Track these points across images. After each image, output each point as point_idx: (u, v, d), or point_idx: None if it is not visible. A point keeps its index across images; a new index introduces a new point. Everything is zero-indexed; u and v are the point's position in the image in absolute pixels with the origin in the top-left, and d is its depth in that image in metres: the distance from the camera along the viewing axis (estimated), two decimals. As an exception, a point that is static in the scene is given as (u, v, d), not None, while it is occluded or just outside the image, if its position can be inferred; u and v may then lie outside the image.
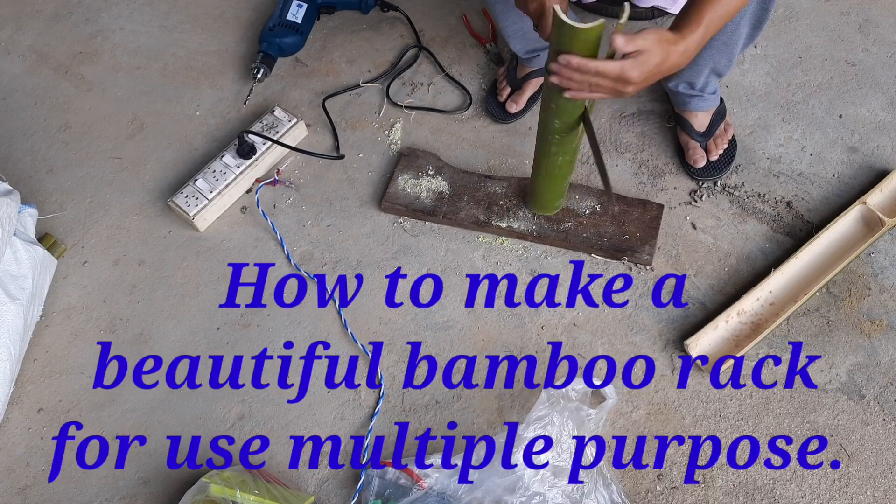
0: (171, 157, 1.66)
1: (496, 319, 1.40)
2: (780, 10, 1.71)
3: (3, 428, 1.37)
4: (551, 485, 1.14)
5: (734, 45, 1.30)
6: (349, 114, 1.68)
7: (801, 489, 1.20)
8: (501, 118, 1.61)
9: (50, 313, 1.48)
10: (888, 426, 1.24)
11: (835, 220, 1.38)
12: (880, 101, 1.57)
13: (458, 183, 1.53)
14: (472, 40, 1.76)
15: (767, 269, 1.38)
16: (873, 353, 1.30)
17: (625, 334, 1.36)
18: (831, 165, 1.50)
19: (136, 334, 1.44)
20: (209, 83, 1.77)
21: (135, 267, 1.52)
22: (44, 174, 1.66)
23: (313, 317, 1.43)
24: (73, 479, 1.31)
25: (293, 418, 1.33)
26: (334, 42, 1.80)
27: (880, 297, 1.35)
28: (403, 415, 1.32)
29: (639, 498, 1.22)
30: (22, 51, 1.88)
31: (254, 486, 1.17)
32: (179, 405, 1.36)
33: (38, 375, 1.41)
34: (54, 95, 1.79)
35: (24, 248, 1.40)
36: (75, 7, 1.95)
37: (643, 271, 1.42)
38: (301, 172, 1.61)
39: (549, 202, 1.42)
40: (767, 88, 1.61)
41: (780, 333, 1.33)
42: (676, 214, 1.47)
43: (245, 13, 1.88)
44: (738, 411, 1.27)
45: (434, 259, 1.47)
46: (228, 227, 1.55)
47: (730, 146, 1.51)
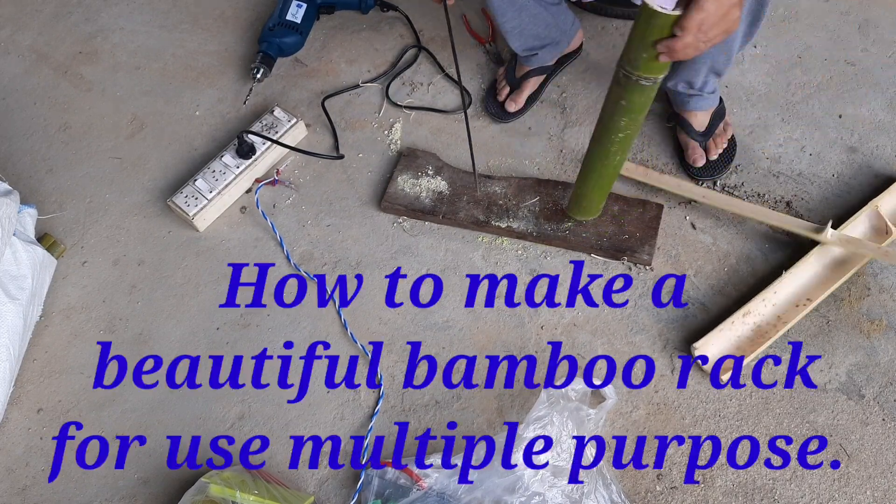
0: (170, 157, 1.66)
1: (496, 319, 1.40)
2: (780, 10, 1.71)
3: (3, 428, 1.37)
4: (551, 485, 1.14)
5: (732, 42, 1.30)
6: (349, 114, 1.68)
7: (801, 489, 1.20)
8: (501, 117, 1.61)
9: (50, 313, 1.48)
10: (888, 426, 1.24)
11: (845, 223, 1.37)
12: (880, 101, 1.57)
13: (458, 183, 1.53)
14: (472, 40, 1.76)
15: (767, 268, 1.38)
16: (873, 353, 1.30)
17: (625, 334, 1.36)
18: (831, 165, 1.50)
19: (136, 334, 1.45)
20: (209, 83, 1.77)
21: (134, 267, 1.52)
22: (44, 174, 1.66)
23: (313, 317, 1.43)
24: (73, 479, 1.32)
25: (293, 418, 1.33)
26: (334, 42, 1.80)
27: (880, 297, 1.35)
28: (403, 415, 1.32)
29: (639, 498, 1.22)
30: (22, 51, 1.88)
31: (254, 486, 1.17)
32: (179, 405, 1.36)
33: (37, 375, 1.42)
34: (54, 95, 1.79)
35: (23, 248, 1.40)
36: (75, 7, 1.95)
37: (643, 271, 1.42)
38: (301, 172, 1.61)
39: (597, 205, 1.41)
40: (767, 88, 1.61)
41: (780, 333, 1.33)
42: (676, 214, 1.47)
43: (245, 13, 1.88)
44: (737, 411, 1.27)
45: (434, 259, 1.47)
46: (228, 227, 1.55)
47: (729, 146, 1.51)
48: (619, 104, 1.11)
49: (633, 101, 1.10)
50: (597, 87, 1.64)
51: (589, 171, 1.30)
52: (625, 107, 1.11)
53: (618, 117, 1.13)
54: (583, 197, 1.38)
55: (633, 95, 1.08)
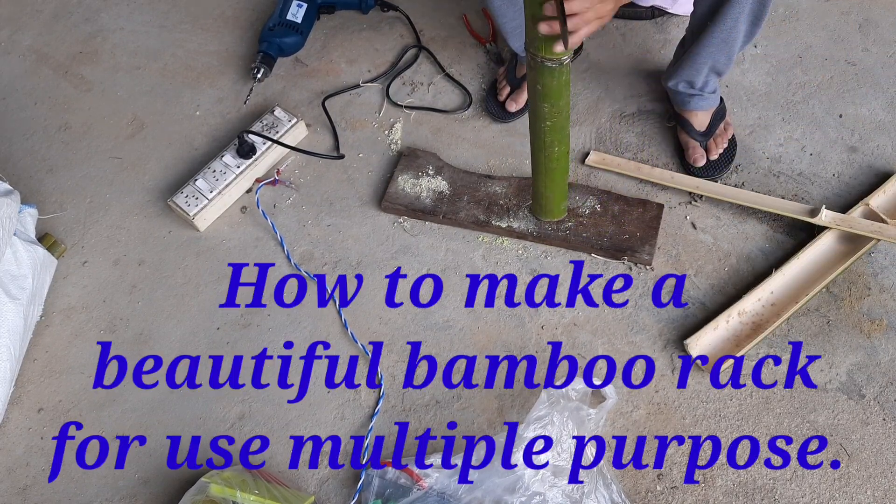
0: (171, 157, 1.66)
1: (496, 319, 1.40)
2: (780, 9, 1.71)
3: (3, 428, 1.37)
4: (551, 485, 1.14)
5: (733, 43, 1.30)
6: (349, 114, 1.68)
7: (801, 489, 1.20)
8: (501, 117, 1.61)
9: (50, 313, 1.48)
10: (888, 426, 1.24)
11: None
12: (880, 100, 1.57)
13: (458, 183, 1.53)
14: (472, 40, 1.76)
15: (767, 268, 1.38)
16: (873, 353, 1.30)
17: (625, 334, 1.36)
18: (831, 165, 1.50)
19: (136, 334, 1.45)
20: (209, 83, 1.77)
21: (135, 267, 1.52)
22: (44, 174, 1.67)
23: (313, 317, 1.43)
24: (73, 479, 1.32)
25: (293, 418, 1.33)
26: (334, 42, 1.80)
27: (880, 296, 1.35)
28: (403, 415, 1.32)
29: (639, 498, 1.22)
30: (22, 51, 1.88)
31: (254, 486, 1.17)
32: (179, 405, 1.36)
33: (38, 375, 1.42)
34: (54, 95, 1.79)
35: (24, 248, 1.40)
36: (75, 7, 1.95)
37: (643, 271, 1.42)
38: (301, 172, 1.61)
39: (556, 204, 1.41)
40: (767, 88, 1.61)
41: (780, 333, 1.33)
42: (676, 214, 1.47)
43: (245, 13, 1.88)
44: (738, 411, 1.27)
45: (434, 259, 1.47)
46: (228, 227, 1.55)
47: (730, 146, 1.51)
48: (536, 89, 1.13)
49: (546, 86, 1.11)
50: (597, 87, 1.64)
51: (535, 166, 1.32)
52: (541, 91, 1.12)
53: (539, 103, 1.15)
54: (539, 195, 1.39)
55: (544, 79, 1.09)
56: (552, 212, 1.43)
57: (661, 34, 1.70)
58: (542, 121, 1.18)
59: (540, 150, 1.26)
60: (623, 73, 1.66)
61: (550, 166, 1.29)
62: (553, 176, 1.32)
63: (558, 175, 1.32)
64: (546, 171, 1.30)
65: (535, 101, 1.16)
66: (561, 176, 1.33)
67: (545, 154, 1.26)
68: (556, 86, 1.11)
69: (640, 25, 1.72)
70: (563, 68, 1.07)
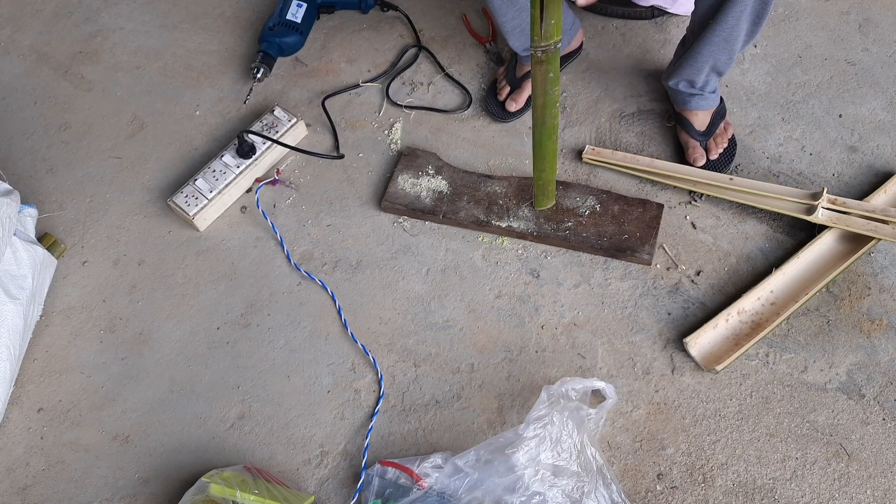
0: (171, 156, 1.66)
1: (496, 319, 1.40)
2: (780, 9, 1.71)
3: (3, 428, 1.37)
4: (551, 484, 1.14)
5: (734, 42, 1.30)
6: (349, 113, 1.68)
7: (801, 489, 1.20)
8: (501, 117, 1.61)
9: (50, 313, 1.48)
10: (888, 426, 1.24)
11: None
12: (880, 100, 1.57)
13: (458, 182, 1.53)
14: (472, 40, 1.76)
15: (767, 268, 1.38)
16: (873, 353, 1.30)
17: (625, 334, 1.36)
18: (831, 165, 1.50)
19: (136, 334, 1.45)
20: (209, 83, 1.77)
21: (135, 267, 1.52)
22: (44, 174, 1.67)
23: (313, 317, 1.43)
24: (73, 479, 1.32)
25: (293, 418, 1.33)
26: (334, 42, 1.80)
27: (880, 296, 1.35)
28: (403, 415, 1.32)
29: (639, 498, 1.22)
30: (22, 50, 1.88)
31: (254, 486, 1.17)
32: (179, 405, 1.36)
33: (38, 375, 1.42)
34: (54, 95, 1.79)
35: (23, 248, 1.40)
36: (75, 7, 1.95)
37: (643, 271, 1.42)
38: (301, 172, 1.61)
39: (548, 188, 1.41)
40: (767, 88, 1.61)
41: (780, 333, 1.33)
42: (676, 214, 1.47)
43: (245, 13, 1.88)
44: (738, 411, 1.27)
45: (434, 259, 1.47)
46: (228, 227, 1.55)
47: (729, 145, 1.51)
48: (549, 77, 1.16)
49: (556, 71, 1.16)
50: (597, 87, 1.64)
51: (537, 146, 1.32)
52: (553, 77, 1.17)
53: (551, 88, 1.18)
54: (545, 182, 1.40)
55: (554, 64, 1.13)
56: (546, 197, 1.44)
57: (660, 34, 1.70)
58: (553, 105, 1.20)
59: (549, 134, 1.27)
60: (623, 73, 1.66)
61: (551, 147, 1.30)
62: (546, 145, 1.32)
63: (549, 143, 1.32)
64: (540, 143, 1.31)
65: (546, 88, 1.18)
66: (551, 144, 1.33)
67: (547, 134, 1.28)
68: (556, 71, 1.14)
69: (639, 25, 1.72)
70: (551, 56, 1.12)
